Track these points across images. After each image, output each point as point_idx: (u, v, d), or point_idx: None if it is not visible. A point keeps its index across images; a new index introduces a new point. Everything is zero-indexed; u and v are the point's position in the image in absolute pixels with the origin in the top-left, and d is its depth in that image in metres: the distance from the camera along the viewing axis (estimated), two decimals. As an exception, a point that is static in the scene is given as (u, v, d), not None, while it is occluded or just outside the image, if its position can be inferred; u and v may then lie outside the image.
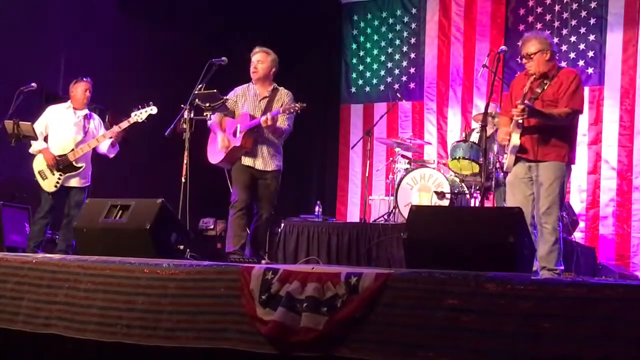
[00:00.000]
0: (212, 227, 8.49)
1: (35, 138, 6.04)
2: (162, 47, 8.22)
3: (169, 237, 4.38)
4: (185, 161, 5.26)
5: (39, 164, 6.09)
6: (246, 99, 5.57)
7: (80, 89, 6.23)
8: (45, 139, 6.12)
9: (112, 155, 6.29)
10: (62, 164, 6.03)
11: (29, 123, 6.03)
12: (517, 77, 5.08)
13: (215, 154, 5.57)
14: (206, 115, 5.34)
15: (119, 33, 8.01)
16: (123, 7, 8.11)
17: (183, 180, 5.22)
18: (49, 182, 6.05)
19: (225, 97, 5.42)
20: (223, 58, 5.43)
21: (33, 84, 6.22)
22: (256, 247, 5.52)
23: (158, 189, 5.33)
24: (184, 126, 5.28)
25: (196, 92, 5.30)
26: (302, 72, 9.50)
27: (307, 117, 9.43)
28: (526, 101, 4.55)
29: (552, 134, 4.65)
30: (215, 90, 5.43)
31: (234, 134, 5.45)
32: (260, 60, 5.56)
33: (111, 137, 6.09)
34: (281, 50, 5.70)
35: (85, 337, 3.66)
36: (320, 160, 9.85)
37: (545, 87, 4.66)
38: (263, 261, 5.13)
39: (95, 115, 6.42)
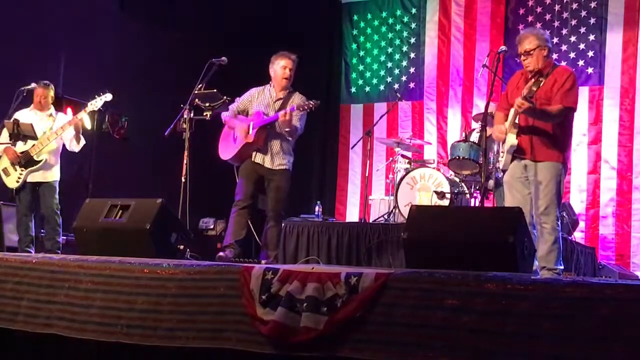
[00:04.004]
0: (212, 227, 8.49)
1: (35, 138, 6.06)
2: (162, 47, 8.22)
3: (169, 237, 4.38)
4: (185, 161, 5.27)
5: (2, 162, 6.14)
6: (261, 100, 5.59)
7: (34, 95, 6.26)
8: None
9: (77, 150, 6.28)
10: (23, 160, 6.06)
11: (29, 123, 6.04)
12: (513, 75, 5.08)
13: (227, 149, 5.58)
14: (206, 115, 5.33)
15: (119, 33, 8.01)
16: (123, 7, 8.11)
17: (183, 180, 5.22)
18: (11, 179, 6.10)
19: (225, 97, 5.42)
20: (223, 58, 5.44)
21: (33, 84, 6.25)
22: (271, 249, 5.50)
23: (158, 189, 5.33)
24: (184, 126, 5.29)
25: (196, 92, 5.30)
26: (302, 72, 9.50)
27: (307, 117, 9.53)
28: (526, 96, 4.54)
29: (548, 134, 4.66)
30: (215, 90, 5.43)
31: (247, 131, 5.46)
32: (292, 68, 5.62)
33: (72, 126, 6.08)
34: (281, 50, 5.70)
35: (85, 337, 3.66)
36: (320, 160, 9.84)
37: (541, 85, 4.66)
38: (263, 261, 5.13)
39: (62, 114, 6.41)
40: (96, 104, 6.10)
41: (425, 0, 9.26)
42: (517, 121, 4.69)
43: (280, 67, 5.59)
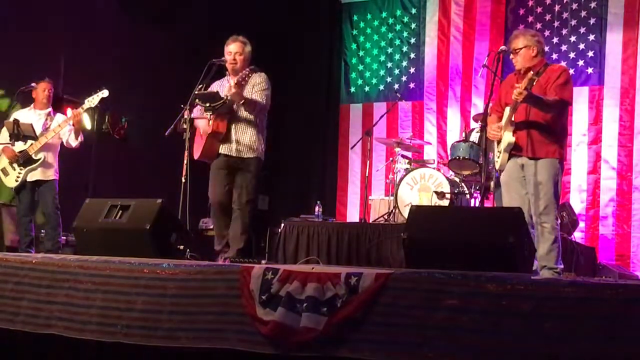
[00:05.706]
0: (212, 227, 8.46)
1: (35, 138, 6.06)
2: (162, 47, 8.22)
3: (169, 237, 4.38)
4: (185, 161, 5.26)
5: (1, 162, 6.15)
6: (222, 90, 5.41)
7: (40, 89, 6.28)
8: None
9: (75, 145, 6.27)
10: (22, 159, 6.07)
11: (29, 123, 6.05)
12: (507, 77, 5.11)
13: (197, 147, 5.46)
14: (206, 115, 5.32)
15: (119, 33, 8.01)
16: (123, 7, 8.10)
17: (183, 180, 5.22)
18: (10, 178, 6.12)
19: (225, 98, 5.40)
20: (223, 58, 5.43)
21: (33, 84, 6.25)
22: (237, 248, 5.25)
23: (158, 189, 5.33)
24: (184, 126, 5.28)
25: (196, 92, 5.29)
26: (302, 72, 9.52)
27: (307, 117, 9.55)
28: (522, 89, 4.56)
29: (545, 129, 4.67)
30: (215, 90, 5.42)
31: (208, 123, 5.31)
32: (238, 51, 5.40)
33: (71, 124, 6.10)
34: (281, 50, 5.70)
35: (85, 337, 3.66)
36: (320, 160, 9.83)
37: (534, 83, 4.68)
38: (263, 261, 5.12)
39: (60, 115, 6.42)
40: (93, 100, 6.12)
41: (425, 0, 9.26)
42: (513, 119, 4.70)
43: (226, 53, 5.44)
